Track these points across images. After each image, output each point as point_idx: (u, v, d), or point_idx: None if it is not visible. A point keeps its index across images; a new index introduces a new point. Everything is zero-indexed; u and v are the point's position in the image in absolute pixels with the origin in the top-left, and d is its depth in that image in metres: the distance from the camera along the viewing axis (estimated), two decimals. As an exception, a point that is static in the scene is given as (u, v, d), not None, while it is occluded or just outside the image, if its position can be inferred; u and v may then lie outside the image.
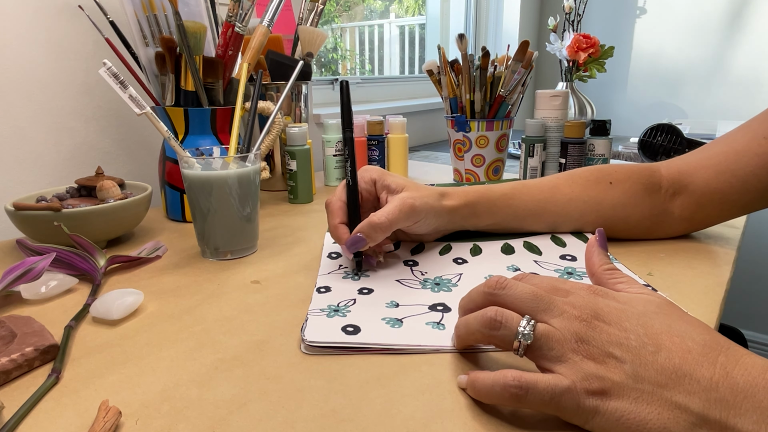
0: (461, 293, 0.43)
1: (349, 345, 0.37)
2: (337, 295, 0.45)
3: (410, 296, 0.45)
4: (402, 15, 1.78)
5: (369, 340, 0.37)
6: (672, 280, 0.48)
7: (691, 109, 1.73)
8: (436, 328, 0.39)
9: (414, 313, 0.41)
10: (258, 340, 0.38)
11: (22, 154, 0.70)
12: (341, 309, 0.42)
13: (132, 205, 0.58)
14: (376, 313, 0.41)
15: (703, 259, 0.53)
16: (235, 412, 0.30)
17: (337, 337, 0.37)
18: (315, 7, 0.84)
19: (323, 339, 0.37)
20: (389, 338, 0.37)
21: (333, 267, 0.52)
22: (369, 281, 0.48)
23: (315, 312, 0.42)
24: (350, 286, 0.47)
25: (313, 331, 0.38)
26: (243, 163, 0.54)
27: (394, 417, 0.30)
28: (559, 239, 0.55)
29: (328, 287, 0.47)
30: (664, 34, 1.74)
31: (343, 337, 0.37)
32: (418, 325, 0.39)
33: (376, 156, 0.88)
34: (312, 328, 0.39)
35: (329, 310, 0.42)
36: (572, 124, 0.80)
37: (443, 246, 0.55)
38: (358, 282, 0.48)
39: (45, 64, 0.70)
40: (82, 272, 0.50)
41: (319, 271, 0.51)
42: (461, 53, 0.85)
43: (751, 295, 1.75)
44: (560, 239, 0.55)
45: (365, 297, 0.45)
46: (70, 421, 0.30)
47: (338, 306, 0.43)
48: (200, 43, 0.66)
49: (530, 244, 0.55)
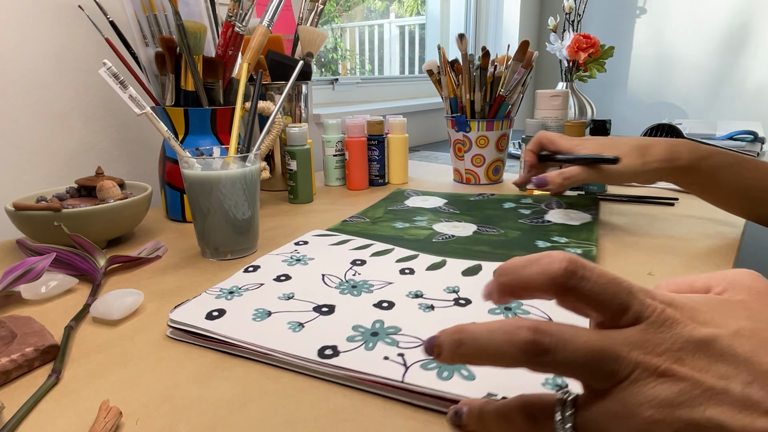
0: (367, 300, 0.42)
1: (201, 332, 0.37)
2: (255, 276, 0.47)
3: (313, 292, 0.44)
4: (402, 15, 1.78)
5: (220, 330, 0.37)
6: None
7: (691, 109, 1.73)
8: (292, 330, 0.37)
9: (291, 309, 0.41)
10: (258, 340, 0.38)
11: (22, 154, 0.70)
12: (238, 291, 0.43)
13: (132, 205, 0.58)
14: (259, 301, 0.42)
15: (703, 259, 0.53)
16: (235, 412, 0.30)
17: (198, 321, 0.38)
18: (315, 7, 0.84)
19: (184, 320, 0.38)
20: (239, 332, 0.37)
21: (287, 250, 0.54)
22: (300, 269, 0.49)
23: (211, 291, 0.43)
24: (277, 269, 0.48)
25: (183, 311, 0.39)
26: (243, 163, 0.54)
27: (394, 417, 0.30)
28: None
29: (257, 266, 0.49)
30: (664, 34, 1.74)
31: (202, 323, 0.38)
32: (278, 323, 0.38)
33: (376, 156, 0.88)
34: (185, 309, 0.40)
35: (224, 293, 0.43)
36: (572, 124, 0.80)
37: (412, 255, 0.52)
38: (292, 267, 0.49)
39: (45, 64, 0.70)
40: (82, 272, 0.50)
41: (272, 251, 0.53)
42: (461, 53, 0.85)
43: (751, 295, 1.74)
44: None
45: (275, 283, 0.45)
46: (70, 422, 0.30)
47: (240, 288, 0.44)
48: (200, 43, 0.66)
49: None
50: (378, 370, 0.32)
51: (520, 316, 0.39)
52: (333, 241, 0.57)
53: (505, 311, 0.40)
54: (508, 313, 0.39)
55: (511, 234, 0.60)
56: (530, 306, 0.40)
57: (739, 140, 1.16)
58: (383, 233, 0.61)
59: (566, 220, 0.64)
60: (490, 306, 0.41)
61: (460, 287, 0.45)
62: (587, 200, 0.72)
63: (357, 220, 0.67)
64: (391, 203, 0.75)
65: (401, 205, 0.74)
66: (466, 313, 0.40)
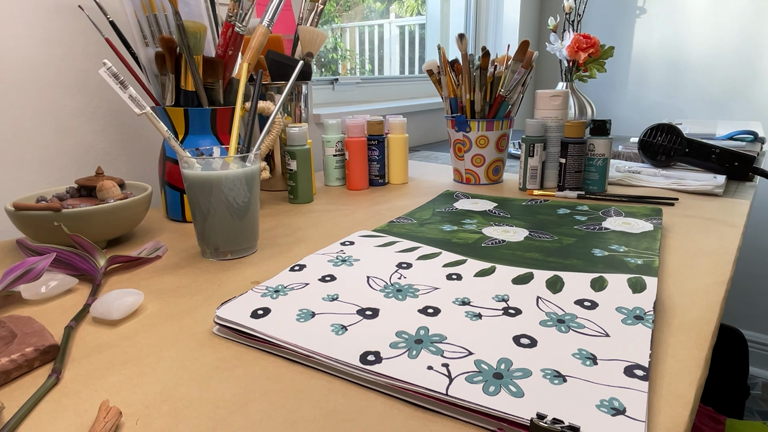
0: (412, 305, 0.41)
1: (246, 331, 0.37)
2: (301, 276, 0.47)
3: (357, 294, 0.43)
4: (402, 15, 1.78)
5: (264, 330, 0.37)
6: (672, 280, 0.48)
7: (691, 110, 1.73)
8: (335, 332, 0.37)
9: (335, 311, 0.40)
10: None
11: (22, 154, 0.70)
12: (283, 290, 0.43)
13: (132, 205, 0.58)
14: (304, 302, 0.42)
15: (703, 259, 0.53)
16: (235, 412, 0.30)
17: (242, 319, 0.38)
18: (315, 7, 0.84)
19: (230, 318, 0.38)
20: (282, 332, 0.37)
21: (333, 250, 0.53)
22: (346, 270, 0.48)
23: (258, 289, 0.43)
24: (323, 269, 0.48)
25: (229, 309, 0.39)
26: (243, 163, 0.54)
27: (394, 417, 0.30)
28: (602, 280, 0.46)
29: (304, 266, 0.49)
30: (664, 34, 1.74)
31: (247, 321, 0.38)
32: (321, 325, 0.38)
33: (376, 156, 0.88)
34: (231, 306, 0.40)
35: (270, 292, 0.43)
36: (572, 124, 0.80)
37: (460, 260, 0.52)
38: (338, 267, 0.49)
39: (45, 64, 0.70)
40: (82, 272, 0.50)
41: (318, 251, 0.53)
42: (461, 53, 0.85)
43: (751, 295, 1.75)
44: (604, 280, 0.45)
45: (320, 284, 0.45)
46: (71, 422, 0.30)
47: (286, 287, 0.44)
48: (200, 43, 0.66)
49: (558, 278, 0.46)
50: (421, 380, 0.31)
51: (575, 330, 0.37)
52: (379, 243, 0.56)
53: (558, 324, 0.38)
54: (561, 325, 0.38)
55: (566, 240, 0.57)
56: (584, 319, 0.39)
57: (739, 140, 1.16)
58: (431, 236, 0.60)
59: (625, 228, 0.61)
60: (541, 317, 0.39)
61: (509, 296, 0.43)
62: (648, 210, 0.68)
63: (404, 222, 0.66)
64: (439, 205, 0.74)
65: (450, 207, 0.73)
66: (515, 324, 0.38)
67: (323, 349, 0.35)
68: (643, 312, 0.39)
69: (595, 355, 0.34)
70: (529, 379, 0.31)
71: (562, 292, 0.44)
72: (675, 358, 0.35)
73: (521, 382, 0.31)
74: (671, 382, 0.32)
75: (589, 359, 0.33)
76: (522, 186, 0.86)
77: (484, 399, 0.29)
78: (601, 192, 0.81)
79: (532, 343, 0.36)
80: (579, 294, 0.43)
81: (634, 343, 0.35)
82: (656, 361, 0.35)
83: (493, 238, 0.59)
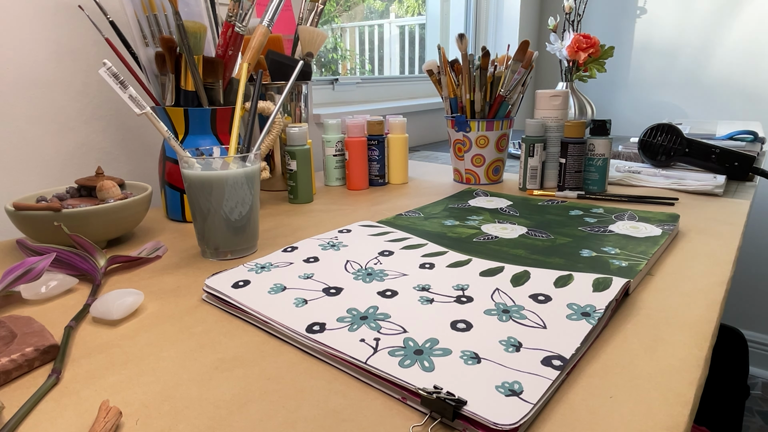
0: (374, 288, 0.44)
1: (224, 298, 0.42)
2: (290, 256, 0.50)
3: (331, 275, 0.47)
4: (402, 15, 1.78)
5: (238, 298, 0.42)
6: (672, 280, 0.48)
7: (691, 109, 1.73)
8: (296, 305, 0.41)
9: (305, 287, 0.44)
10: (258, 341, 0.38)
11: (22, 154, 0.70)
12: (269, 266, 0.47)
13: (132, 205, 0.58)
14: (281, 278, 0.45)
15: (703, 259, 0.53)
16: (235, 412, 0.30)
17: (224, 288, 0.43)
18: (315, 7, 0.84)
19: (214, 286, 0.43)
20: (252, 301, 0.41)
21: (329, 236, 0.56)
22: (331, 254, 0.51)
23: (247, 264, 0.48)
24: (311, 252, 0.52)
25: (216, 279, 0.44)
26: (243, 163, 0.54)
27: (394, 417, 0.30)
28: (568, 278, 0.45)
29: (295, 247, 0.52)
30: (664, 34, 1.74)
31: (227, 290, 0.43)
32: (287, 298, 0.42)
33: (376, 156, 0.88)
34: (219, 277, 0.45)
35: (256, 267, 0.47)
36: (572, 124, 0.80)
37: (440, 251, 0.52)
38: (325, 251, 0.52)
39: (45, 64, 0.70)
40: (82, 272, 0.50)
41: (315, 236, 0.57)
42: (461, 53, 0.85)
43: (751, 295, 1.75)
44: (570, 278, 0.45)
45: (302, 264, 0.49)
46: (71, 422, 0.30)
47: (273, 264, 0.48)
48: (200, 43, 0.66)
49: (525, 273, 0.46)
50: (349, 349, 0.34)
51: (515, 320, 0.38)
52: (374, 232, 0.58)
53: (502, 313, 0.39)
54: (504, 315, 0.39)
55: (560, 240, 0.57)
56: (528, 311, 0.40)
57: (739, 140, 1.16)
58: (428, 229, 0.61)
59: (632, 231, 0.59)
60: (487, 306, 0.40)
61: (470, 285, 0.44)
62: (665, 215, 0.65)
63: (411, 215, 0.68)
64: (454, 201, 0.76)
65: (463, 204, 0.74)
66: (461, 310, 0.40)
67: (279, 317, 0.39)
68: (593, 309, 0.39)
69: (521, 343, 0.35)
70: (445, 358, 0.33)
71: (523, 286, 0.44)
72: (675, 357, 0.35)
73: (437, 360, 0.33)
74: (671, 381, 0.32)
75: (514, 346, 0.35)
76: (522, 186, 0.86)
77: (396, 370, 0.31)
78: (601, 192, 0.81)
79: (467, 327, 0.37)
80: (538, 289, 0.44)
81: (568, 337, 0.36)
82: (656, 361, 0.35)
83: (488, 234, 0.60)
